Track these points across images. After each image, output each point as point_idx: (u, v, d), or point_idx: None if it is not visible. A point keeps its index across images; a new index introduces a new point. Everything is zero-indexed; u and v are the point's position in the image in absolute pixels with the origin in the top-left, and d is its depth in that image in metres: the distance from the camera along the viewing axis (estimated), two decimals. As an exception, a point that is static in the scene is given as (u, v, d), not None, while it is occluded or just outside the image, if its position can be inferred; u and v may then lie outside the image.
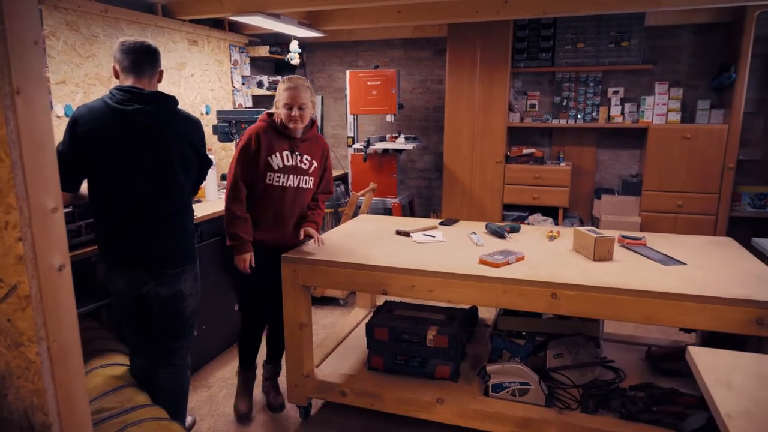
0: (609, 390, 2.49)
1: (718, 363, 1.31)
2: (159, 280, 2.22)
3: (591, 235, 2.45)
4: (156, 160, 2.15)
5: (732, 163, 4.04)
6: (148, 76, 2.16)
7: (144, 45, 2.16)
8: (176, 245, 2.25)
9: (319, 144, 2.72)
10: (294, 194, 2.62)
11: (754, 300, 1.95)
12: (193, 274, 2.35)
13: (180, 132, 2.22)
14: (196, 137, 2.29)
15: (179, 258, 2.26)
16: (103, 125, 2.06)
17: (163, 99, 2.19)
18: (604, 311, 2.12)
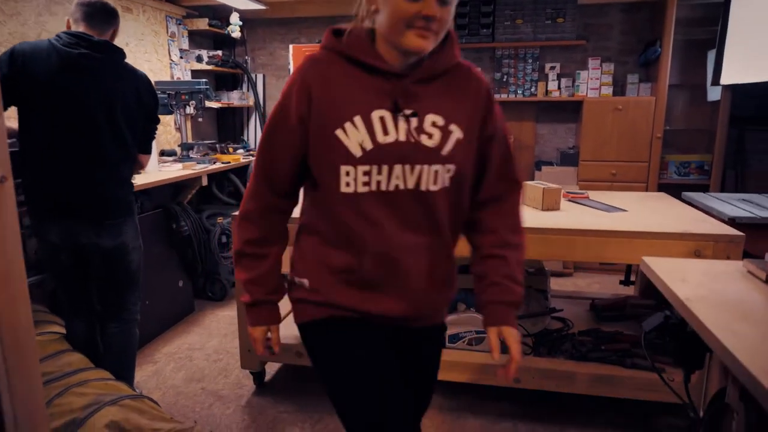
0: (560, 336, 2.58)
1: (673, 267, 1.38)
2: (99, 231, 2.12)
3: (539, 186, 2.53)
4: (99, 106, 2.05)
5: (659, 133, 4.28)
6: (99, 29, 2.07)
7: (102, 2, 2.09)
8: (118, 196, 2.16)
9: (469, 86, 1.23)
10: (410, 208, 1.17)
11: (692, 233, 2.08)
12: (134, 226, 2.28)
13: (126, 83, 2.13)
14: (145, 92, 2.21)
15: (120, 209, 2.18)
16: (46, 64, 1.96)
17: (111, 49, 2.10)
18: (555, 251, 2.19)
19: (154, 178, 3.19)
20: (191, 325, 3.50)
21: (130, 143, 2.18)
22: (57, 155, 2.03)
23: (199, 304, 3.80)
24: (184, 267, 3.59)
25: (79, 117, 2.02)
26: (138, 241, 2.31)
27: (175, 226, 3.45)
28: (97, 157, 2.08)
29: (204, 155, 4.12)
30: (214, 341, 3.25)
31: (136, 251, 2.29)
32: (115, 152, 2.12)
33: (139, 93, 2.17)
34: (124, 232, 2.20)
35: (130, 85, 2.14)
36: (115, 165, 2.14)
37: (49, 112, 1.99)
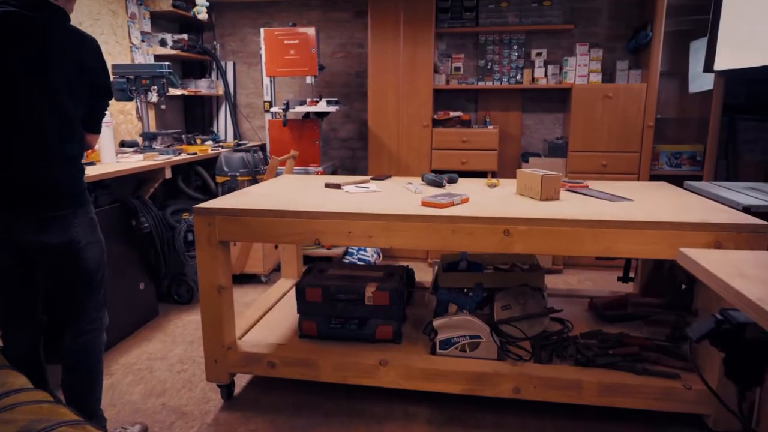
0: (561, 339, 2.34)
1: (722, 259, 1.14)
2: (42, 225, 1.78)
3: (537, 174, 2.29)
4: (32, 75, 1.72)
5: (651, 122, 4.10)
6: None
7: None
8: (62, 182, 1.82)
9: None
10: None
11: (712, 223, 1.86)
12: (87, 218, 1.92)
13: (67, 48, 1.78)
14: (89, 58, 1.85)
15: (67, 197, 1.83)
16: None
17: (48, 7, 1.75)
18: (560, 245, 1.95)
19: (111, 169, 2.86)
20: (153, 331, 3.18)
21: (74, 119, 1.84)
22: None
23: (163, 308, 3.48)
24: (146, 267, 3.27)
25: (8, 88, 1.70)
26: (95, 235, 1.96)
27: (134, 223, 3.12)
28: (34, 136, 1.76)
29: (168, 146, 3.79)
30: (179, 349, 2.95)
31: (92, 247, 1.93)
32: (55, 129, 1.78)
33: (82, 60, 1.81)
34: (74, 225, 1.86)
35: (72, 50, 1.79)
36: (57, 145, 1.80)
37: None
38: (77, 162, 1.90)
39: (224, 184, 3.87)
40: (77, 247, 1.87)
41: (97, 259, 1.96)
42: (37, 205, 1.79)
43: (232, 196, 2.42)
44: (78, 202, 1.88)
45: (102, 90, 1.95)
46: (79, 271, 1.91)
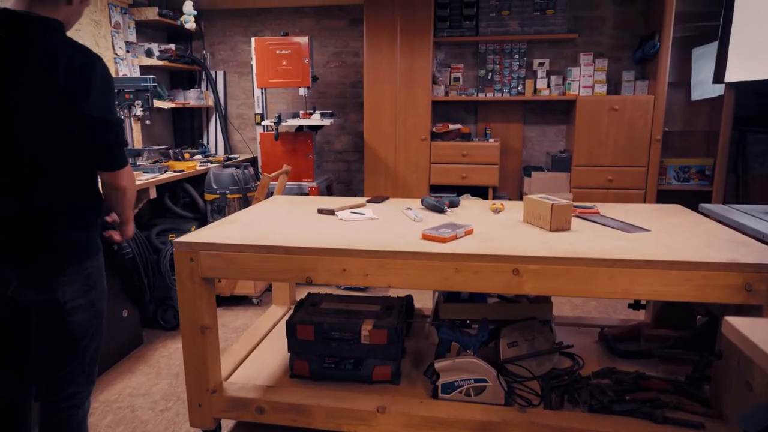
0: (572, 380, 2.17)
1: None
2: (24, 279, 1.55)
3: (547, 202, 2.12)
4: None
5: (659, 135, 3.95)
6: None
7: None
8: (44, 229, 1.55)
9: None
10: None
11: (740, 263, 1.69)
12: (82, 276, 1.62)
13: (40, 65, 1.45)
14: (70, 74, 1.45)
15: (49, 248, 1.56)
16: None
17: (22, 20, 1.45)
18: (574, 287, 1.78)
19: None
20: (137, 362, 3.00)
21: (45, 155, 1.53)
22: None
23: (148, 335, 3.29)
24: (129, 294, 3.09)
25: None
26: (90, 296, 1.65)
27: (116, 248, 2.94)
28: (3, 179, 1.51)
29: (154, 162, 3.61)
30: (163, 383, 2.77)
31: (82, 310, 1.64)
32: (19, 169, 1.51)
33: (57, 77, 1.44)
34: (60, 282, 1.57)
35: (44, 66, 1.45)
36: (36, 190, 1.53)
37: None
38: (72, 210, 1.59)
39: (213, 202, 3.70)
40: (60, 307, 1.59)
41: (84, 324, 1.66)
42: (15, 254, 1.55)
43: (217, 225, 2.25)
44: (68, 254, 1.59)
45: (94, 114, 1.51)
46: (59, 335, 1.63)
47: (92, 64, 1.49)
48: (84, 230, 1.62)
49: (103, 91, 1.51)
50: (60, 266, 1.57)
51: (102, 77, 1.50)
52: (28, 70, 1.45)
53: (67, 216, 1.58)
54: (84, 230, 1.62)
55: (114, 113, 1.59)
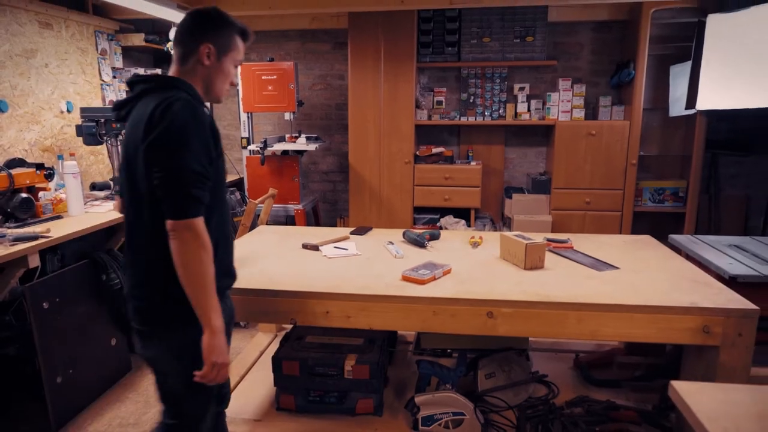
0: (546, 410, 2.27)
1: (714, 403, 1.08)
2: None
3: (521, 242, 2.22)
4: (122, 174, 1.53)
5: (634, 159, 4.08)
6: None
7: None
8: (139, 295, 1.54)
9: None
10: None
11: (701, 307, 1.81)
12: (167, 346, 1.51)
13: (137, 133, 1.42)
14: (147, 126, 1.38)
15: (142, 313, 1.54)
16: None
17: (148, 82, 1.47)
18: (545, 329, 1.88)
19: (78, 227, 2.73)
20: (126, 390, 3.05)
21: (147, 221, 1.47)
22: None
23: (137, 361, 3.34)
24: (118, 322, 3.13)
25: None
26: (174, 365, 1.52)
27: (104, 278, 2.99)
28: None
29: (142, 188, 3.66)
30: (152, 412, 2.82)
31: (174, 376, 1.54)
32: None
33: (143, 151, 1.40)
34: (154, 344, 1.53)
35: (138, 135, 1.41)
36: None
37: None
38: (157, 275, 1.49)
39: None
40: (159, 367, 1.56)
41: (169, 387, 1.57)
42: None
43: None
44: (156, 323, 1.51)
45: (152, 160, 1.39)
46: (161, 386, 1.59)
47: (166, 105, 1.38)
48: (167, 299, 1.50)
49: (170, 135, 1.37)
50: (152, 331, 1.53)
51: (179, 122, 1.37)
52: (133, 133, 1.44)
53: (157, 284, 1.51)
54: (167, 299, 1.50)
55: (183, 159, 1.37)
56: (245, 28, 1.59)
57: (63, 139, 3.52)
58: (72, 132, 3.54)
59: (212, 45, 1.50)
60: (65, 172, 2.93)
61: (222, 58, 1.53)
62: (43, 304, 2.58)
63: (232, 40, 1.55)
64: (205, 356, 1.40)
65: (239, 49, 1.58)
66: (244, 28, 1.59)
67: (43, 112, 3.36)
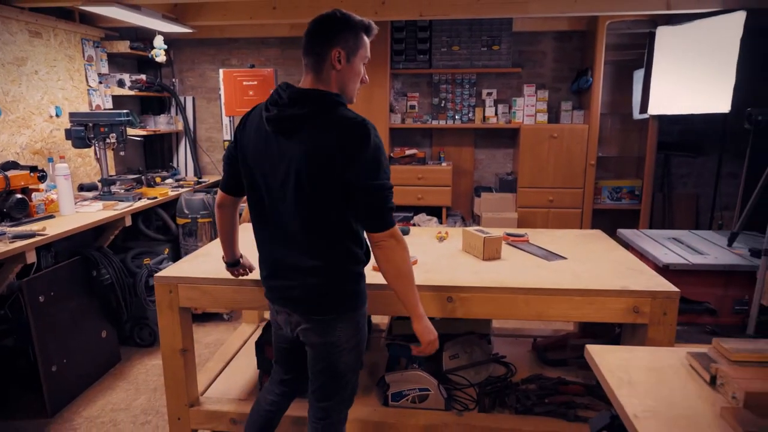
0: (503, 386, 2.54)
1: (617, 360, 1.34)
2: (311, 324, 1.80)
3: (480, 236, 2.48)
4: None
5: (593, 160, 4.38)
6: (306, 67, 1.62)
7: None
8: (327, 285, 1.80)
9: None
10: None
11: (631, 290, 2.08)
12: (353, 322, 1.81)
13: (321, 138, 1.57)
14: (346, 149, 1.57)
15: (332, 299, 1.80)
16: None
17: (310, 96, 1.59)
18: (498, 311, 2.14)
19: (70, 226, 2.91)
20: (117, 379, 3.24)
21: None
22: None
23: (125, 353, 3.53)
24: (108, 315, 3.33)
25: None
26: (356, 339, 1.81)
27: (95, 274, 3.18)
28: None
29: (128, 189, 3.85)
30: (142, 399, 3.02)
31: (349, 351, 1.80)
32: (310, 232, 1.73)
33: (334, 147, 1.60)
34: (337, 329, 1.75)
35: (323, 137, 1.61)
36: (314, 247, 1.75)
37: None
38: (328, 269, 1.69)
39: (185, 226, 3.95)
40: (336, 348, 1.75)
41: (351, 363, 1.80)
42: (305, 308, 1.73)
43: (192, 258, 2.52)
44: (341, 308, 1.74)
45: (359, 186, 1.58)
46: (331, 372, 1.79)
47: (364, 134, 1.54)
48: (356, 283, 1.75)
49: (372, 160, 1.55)
50: (338, 315, 1.72)
51: (375, 147, 1.55)
52: (315, 140, 1.53)
53: (341, 271, 1.71)
54: (356, 283, 1.75)
55: (381, 179, 1.57)
56: (369, 24, 1.61)
57: (52, 143, 3.68)
58: (61, 135, 3.71)
59: (342, 49, 1.54)
60: (57, 174, 3.10)
61: (352, 59, 1.59)
62: (39, 297, 2.76)
63: (359, 39, 1.58)
64: (423, 337, 1.74)
65: (366, 46, 1.63)
66: (368, 24, 1.60)
67: (34, 117, 3.53)
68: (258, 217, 1.75)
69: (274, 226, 1.70)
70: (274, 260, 1.75)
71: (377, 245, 1.62)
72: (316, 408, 1.86)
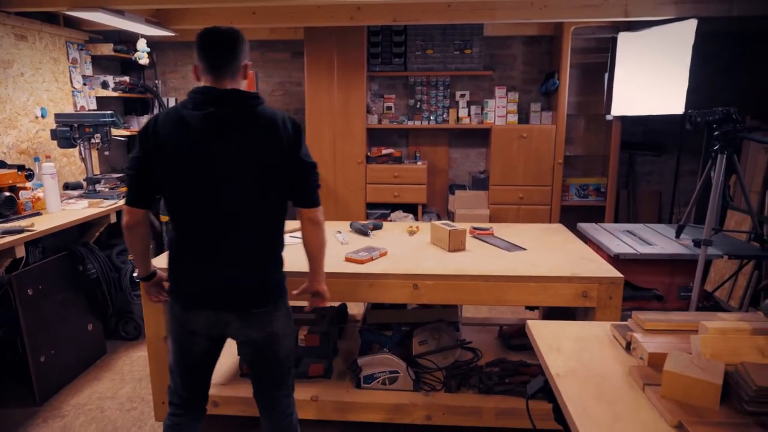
0: (468, 369, 2.73)
1: (550, 332, 1.53)
2: (248, 320, 1.89)
3: (445, 229, 2.66)
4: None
5: (560, 159, 4.60)
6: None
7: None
8: (263, 279, 1.93)
9: None
10: None
11: (579, 276, 2.28)
12: (286, 311, 1.96)
13: (266, 132, 1.74)
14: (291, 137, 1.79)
15: (268, 293, 1.94)
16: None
17: (241, 97, 1.72)
18: (460, 297, 2.33)
19: (57, 222, 3.04)
20: (102, 370, 3.37)
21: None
22: None
23: (111, 345, 3.66)
24: (94, 309, 3.45)
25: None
26: (291, 326, 1.98)
27: (81, 269, 3.31)
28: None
29: (113, 188, 3.97)
30: (127, 387, 3.16)
31: (287, 339, 1.96)
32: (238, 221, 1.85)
33: (281, 138, 1.79)
34: (275, 318, 1.89)
35: (269, 131, 1.78)
36: (247, 238, 1.87)
37: None
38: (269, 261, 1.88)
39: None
40: (277, 339, 1.88)
41: (289, 350, 1.96)
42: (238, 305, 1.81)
43: (176, 251, 2.67)
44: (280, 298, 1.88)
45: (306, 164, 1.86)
46: (274, 361, 1.93)
47: (295, 123, 1.78)
48: (283, 270, 1.91)
49: (304, 144, 1.82)
50: (275, 305, 1.86)
51: (303, 133, 1.81)
52: (256, 135, 1.71)
53: (275, 263, 1.87)
54: (283, 270, 1.91)
55: (312, 160, 1.84)
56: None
57: (38, 143, 3.80)
58: (46, 136, 3.82)
59: (248, 61, 1.79)
60: (44, 173, 3.23)
61: (248, 71, 1.81)
62: (28, 290, 2.89)
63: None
64: (327, 294, 2.03)
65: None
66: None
67: (20, 117, 3.64)
68: (190, 219, 1.76)
69: (215, 223, 1.74)
70: (210, 259, 1.77)
71: (311, 219, 1.89)
72: (266, 397, 1.98)
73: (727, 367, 1.16)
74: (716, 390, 1.11)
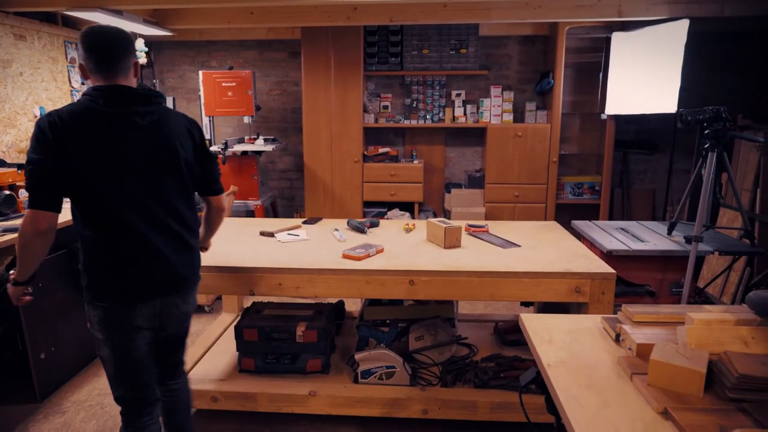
0: (464, 364, 2.77)
1: (543, 325, 1.57)
2: (184, 299, 2.08)
3: (441, 226, 2.70)
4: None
5: (555, 158, 4.65)
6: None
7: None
8: (190, 257, 2.08)
9: None
10: None
11: (572, 272, 2.32)
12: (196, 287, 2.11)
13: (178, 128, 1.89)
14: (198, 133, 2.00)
15: (194, 272, 2.11)
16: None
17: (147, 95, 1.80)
18: (455, 292, 2.36)
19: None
20: (101, 367, 3.38)
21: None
22: None
23: (109, 343, 3.67)
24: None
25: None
26: (195, 302, 2.15)
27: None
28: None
29: (111, 187, 3.99)
30: (127, 384, 3.18)
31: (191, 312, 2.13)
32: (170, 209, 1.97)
33: (193, 134, 1.99)
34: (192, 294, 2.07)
35: (179, 127, 1.93)
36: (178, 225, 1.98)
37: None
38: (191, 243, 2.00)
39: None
40: (190, 313, 2.05)
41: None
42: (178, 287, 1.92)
43: (175, 248, 2.71)
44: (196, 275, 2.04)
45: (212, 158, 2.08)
46: (185, 334, 2.12)
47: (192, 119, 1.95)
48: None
49: (205, 138, 2.04)
50: (195, 282, 2.03)
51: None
52: (174, 130, 1.80)
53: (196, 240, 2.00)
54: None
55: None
56: None
57: (37, 142, 3.82)
58: (43, 135, 3.84)
59: (137, 60, 1.82)
60: (43, 172, 3.25)
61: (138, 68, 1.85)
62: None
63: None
64: (209, 246, 2.32)
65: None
66: None
67: (19, 116, 3.67)
68: (120, 216, 1.73)
69: (146, 214, 1.76)
70: (150, 249, 1.79)
71: (218, 206, 2.14)
72: (179, 371, 2.16)
73: (711, 356, 1.21)
74: (700, 378, 1.15)
